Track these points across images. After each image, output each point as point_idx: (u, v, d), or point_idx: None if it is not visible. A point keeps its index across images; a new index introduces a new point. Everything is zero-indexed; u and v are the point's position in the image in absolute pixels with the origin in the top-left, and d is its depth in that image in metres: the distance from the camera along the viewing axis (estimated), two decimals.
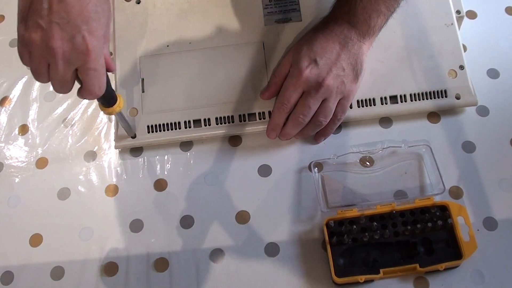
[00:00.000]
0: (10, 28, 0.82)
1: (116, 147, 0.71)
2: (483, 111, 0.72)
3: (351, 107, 0.69)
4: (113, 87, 0.67)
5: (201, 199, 0.68)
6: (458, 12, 0.73)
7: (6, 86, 0.79)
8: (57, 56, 0.48)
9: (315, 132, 0.68)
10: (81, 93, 0.53)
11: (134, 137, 0.70)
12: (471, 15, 0.79)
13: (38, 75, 0.51)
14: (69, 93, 0.65)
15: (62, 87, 0.52)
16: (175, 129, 0.70)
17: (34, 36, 0.48)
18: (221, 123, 0.70)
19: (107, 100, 0.59)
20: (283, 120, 0.66)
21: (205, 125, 0.70)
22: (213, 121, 0.70)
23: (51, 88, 0.78)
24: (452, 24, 0.72)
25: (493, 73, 0.74)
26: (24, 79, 0.79)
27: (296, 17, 0.73)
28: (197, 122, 0.70)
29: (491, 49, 0.76)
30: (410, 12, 0.72)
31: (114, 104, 0.60)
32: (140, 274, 0.64)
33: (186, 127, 0.70)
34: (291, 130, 0.66)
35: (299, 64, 0.63)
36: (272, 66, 0.71)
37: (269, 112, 0.70)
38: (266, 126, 0.68)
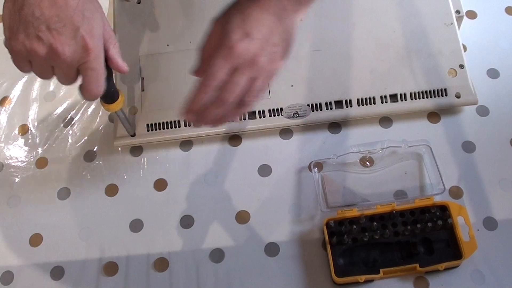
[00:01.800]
0: None
1: (115, 146, 0.71)
2: (483, 111, 0.72)
3: (351, 106, 0.69)
4: None
5: (201, 199, 0.68)
6: (457, 12, 0.73)
7: (6, 86, 0.79)
8: (61, 59, 0.49)
9: (236, 116, 0.60)
10: (81, 93, 0.54)
11: (133, 135, 0.70)
12: (471, 15, 0.79)
13: (43, 77, 0.52)
14: (69, 93, 0.66)
15: (68, 82, 0.53)
16: (175, 127, 0.70)
17: (36, 47, 0.48)
18: None
19: (109, 97, 0.60)
20: (205, 99, 0.56)
21: None
22: None
23: (51, 88, 0.79)
24: (452, 23, 0.72)
25: (493, 73, 0.74)
26: (24, 79, 0.79)
27: None
28: None
29: (491, 49, 0.76)
30: (410, 11, 0.72)
31: (115, 101, 0.61)
32: (140, 274, 0.64)
33: (186, 126, 0.70)
34: (213, 110, 0.56)
35: (231, 36, 0.54)
36: None
37: (269, 111, 0.70)
38: (262, 124, 0.68)
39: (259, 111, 0.70)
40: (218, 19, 0.57)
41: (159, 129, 0.70)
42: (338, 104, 0.70)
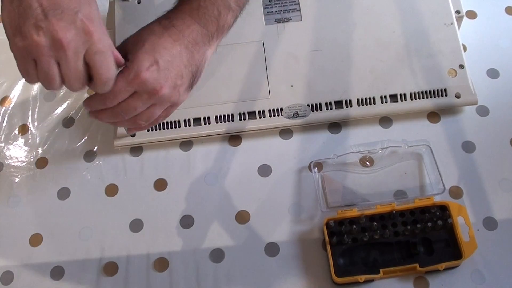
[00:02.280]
0: None
1: (116, 146, 0.71)
2: (483, 111, 0.72)
3: (351, 106, 0.69)
4: None
5: (201, 199, 0.68)
6: (457, 12, 0.73)
7: (6, 86, 0.79)
8: (65, 47, 0.47)
9: (131, 130, 0.65)
10: (95, 85, 0.51)
11: (133, 135, 0.70)
12: (471, 15, 0.79)
13: (50, 81, 0.50)
14: (69, 93, 0.65)
15: (77, 81, 0.50)
16: (175, 127, 0.70)
17: (36, 38, 0.47)
18: (221, 122, 0.70)
19: None
20: (102, 107, 0.57)
21: (205, 124, 0.70)
22: (212, 120, 0.70)
23: None
24: (451, 23, 0.72)
25: (493, 73, 0.74)
26: (24, 79, 0.79)
27: (296, 17, 0.73)
28: (196, 121, 0.70)
29: (491, 49, 0.76)
30: (410, 11, 0.72)
31: None
32: (140, 274, 0.64)
33: (185, 126, 0.70)
34: (106, 118, 0.58)
35: (139, 62, 0.54)
36: (272, 65, 0.71)
37: (269, 111, 0.70)
38: (262, 125, 0.69)
39: (259, 111, 0.70)
40: (129, 37, 0.58)
41: (159, 129, 0.70)
42: (338, 104, 0.70)
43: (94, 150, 0.73)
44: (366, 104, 0.70)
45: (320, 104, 0.70)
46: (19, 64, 0.50)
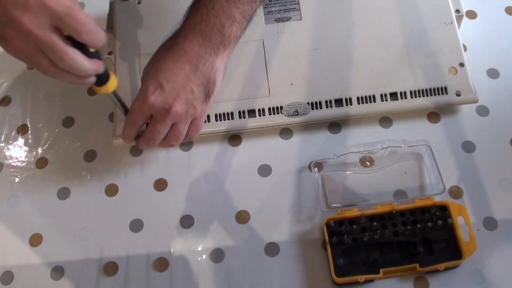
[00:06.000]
0: None
1: (115, 144, 0.71)
2: (483, 111, 0.72)
3: (351, 104, 0.69)
4: None
5: (201, 199, 0.68)
6: (457, 11, 0.73)
7: (6, 86, 0.79)
8: (26, 29, 0.46)
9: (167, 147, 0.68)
10: (80, 35, 0.48)
11: None
12: (471, 15, 0.79)
13: (39, 66, 0.49)
14: (69, 94, 0.65)
15: (60, 60, 0.49)
16: None
17: (8, 31, 0.47)
18: (221, 120, 0.70)
19: (99, 77, 0.55)
20: (134, 134, 0.62)
21: (205, 122, 0.70)
22: (212, 118, 0.70)
23: (51, 88, 0.79)
24: (451, 22, 0.72)
25: (493, 73, 0.74)
26: (24, 79, 0.79)
27: (296, 16, 0.73)
28: None
29: (491, 49, 0.76)
30: (410, 10, 0.72)
31: (107, 82, 0.56)
32: (140, 274, 0.64)
33: None
34: (143, 146, 0.63)
35: (144, 88, 0.58)
36: (272, 64, 0.71)
37: (269, 109, 0.70)
38: (262, 123, 0.69)
39: (259, 110, 0.70)
40: (145, 67, 0.61)
41: None
42: (338, 102, 0.70)
43: (94, 150, 0.73)
44: (366, 102, 0.70)
45: (320, 102, 0.70)
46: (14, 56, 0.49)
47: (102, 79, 0.56)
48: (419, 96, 0.70)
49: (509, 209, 0.65)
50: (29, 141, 0.75)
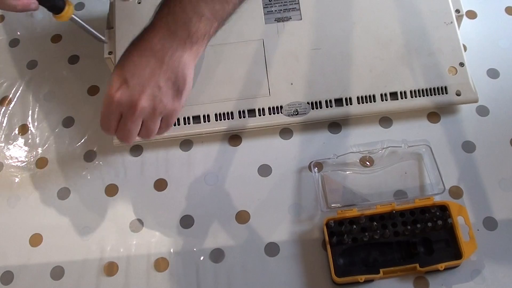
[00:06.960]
0: (10, 27, 0.82)
1: (115, 144, 0.71)
2: (483, 111, 0.72)
3: (351, 104, 0.69)
4: None
5: (201, 199, 0.68)
6: (457, 11, 0.73)
7: (6, 86, 0.79)
8: None
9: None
10: None
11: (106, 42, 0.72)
12: (471, 15, 0.79)
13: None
14: (69, 94, 0.64)
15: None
16: (174, 125, 0.70)
17: None
18: (220, 119, 0.70)
19: (56, 6, 0.64)
20: (112, 127, 0.59)
21: (204, 121, 0.70)
22: (212, 118, 0.70)
23: (51, 88, 0.79)
24: (451, 22, 0.72)
25: (493, 73, 0.74)
26: (24, 79, 0.79)
27: (296, 16, 0.73)
28: (196, 119, 0.70)
29: (491, 49, 0.76)
30: (410, 10, 0.72)
31: (64, 9, 0.64)
32: (140, 274, 0.64)
33: (185, 124, 0.70)
34: (123, 141, 0.61)
35: (110, 85, 0.57)
36: (272, 64, 0.71)
37: (269, 109, 0.70)
38: (262, 122, 0.69)
39: (259, 109, 0.70)
40: (116, 63, 0.59)
41: None
42: (338, 102, 0.70)
43: (94, 150, 0.73)
44: (366, 102, 0.70)
45: (320, 102, 0.70)
46: None
47: (60, 7, 0.64)
48: (419, 96, 0.70)
49: (509, 209, 0.65)
50: (29, 141, 0.75)
